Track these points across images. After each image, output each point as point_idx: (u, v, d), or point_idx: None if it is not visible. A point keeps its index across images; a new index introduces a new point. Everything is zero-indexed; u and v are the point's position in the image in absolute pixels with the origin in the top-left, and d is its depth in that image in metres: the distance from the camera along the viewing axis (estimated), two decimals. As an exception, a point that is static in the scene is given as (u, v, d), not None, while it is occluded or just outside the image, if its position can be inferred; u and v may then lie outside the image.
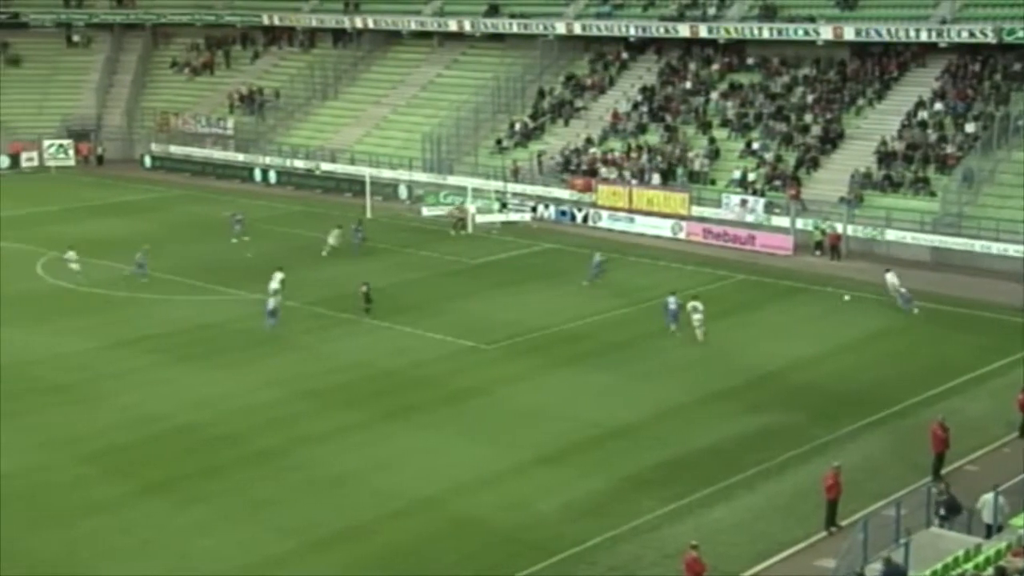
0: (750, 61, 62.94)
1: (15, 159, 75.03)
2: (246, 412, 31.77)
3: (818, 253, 49.93)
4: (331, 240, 50.02)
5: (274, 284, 41.00)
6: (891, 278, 41.76)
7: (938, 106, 55.59)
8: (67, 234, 55.39)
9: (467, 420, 31.20)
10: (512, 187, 60.32)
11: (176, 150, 75.69)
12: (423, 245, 51.95)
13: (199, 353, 37.12)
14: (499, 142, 65.00)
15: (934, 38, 55.62)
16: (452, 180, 62.31)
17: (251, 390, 33.51)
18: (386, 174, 65.04)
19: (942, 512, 22.70)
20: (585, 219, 57.15)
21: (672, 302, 38.15)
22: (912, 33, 56.14)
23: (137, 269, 45.74)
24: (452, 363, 36.07)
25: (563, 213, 58.02)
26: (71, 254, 45.98)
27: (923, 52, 58.17)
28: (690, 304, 37.81)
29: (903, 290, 41.06)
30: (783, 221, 52.05)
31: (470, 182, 58.57)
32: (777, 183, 54.50)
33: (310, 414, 31.61)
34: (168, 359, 36.47)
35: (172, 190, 68.06)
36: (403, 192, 63.50)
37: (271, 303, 39.38)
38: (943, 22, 56.02)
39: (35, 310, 42.10)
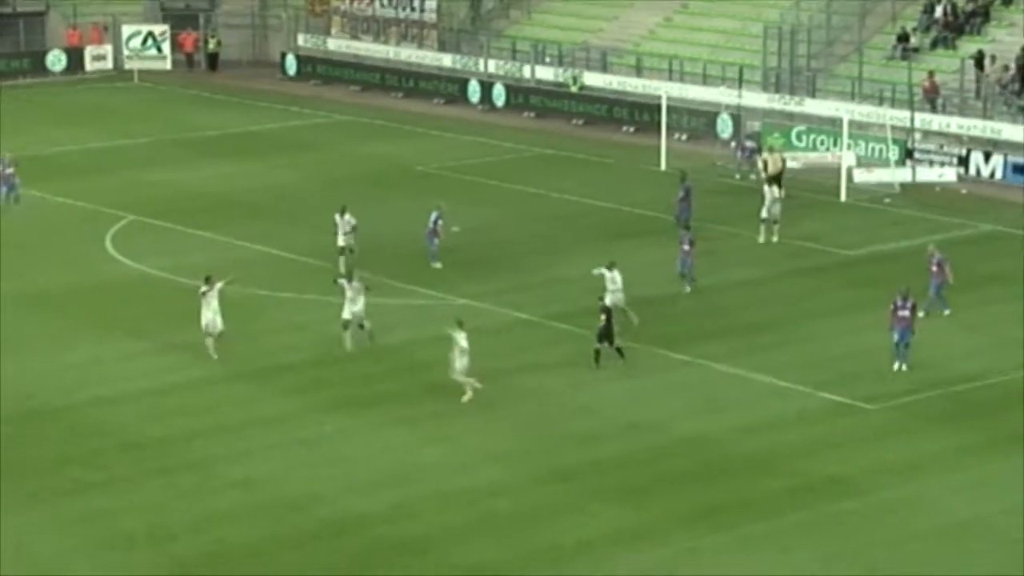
0: None
1: (76, 57, 79.14)
2: (444, 502, 32.65)
3: None
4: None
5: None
6: None
7: None
8: (159, 186, 58.32)
9: (836, 539, 30.99)
10: (925, 119, 59.79)
11: (338, 46, 78.65)
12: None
13: (366, 397, 38.43)
14: (903, 38, 64.38)
15: None
16: (814, 106, 62.32)
17: (454, 466, 34.46)
18: (695, 93, 65.64)
19: None
20: (1065, 182, 56.26)
21: None
22: None
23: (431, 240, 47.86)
24: (804, 432, 36.07)
25: (1020, 170, 57.17)
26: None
27: None
28: None
29: None
30: None
31: (847, 110, 58.15)
32: None
33: (557, 511, 32.17)
34: (316, 404, 37.92)
35: (331, 114, 70.57)
36: (724, 126, 63.79)
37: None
38: None
39: (101, 314, 44.36)
